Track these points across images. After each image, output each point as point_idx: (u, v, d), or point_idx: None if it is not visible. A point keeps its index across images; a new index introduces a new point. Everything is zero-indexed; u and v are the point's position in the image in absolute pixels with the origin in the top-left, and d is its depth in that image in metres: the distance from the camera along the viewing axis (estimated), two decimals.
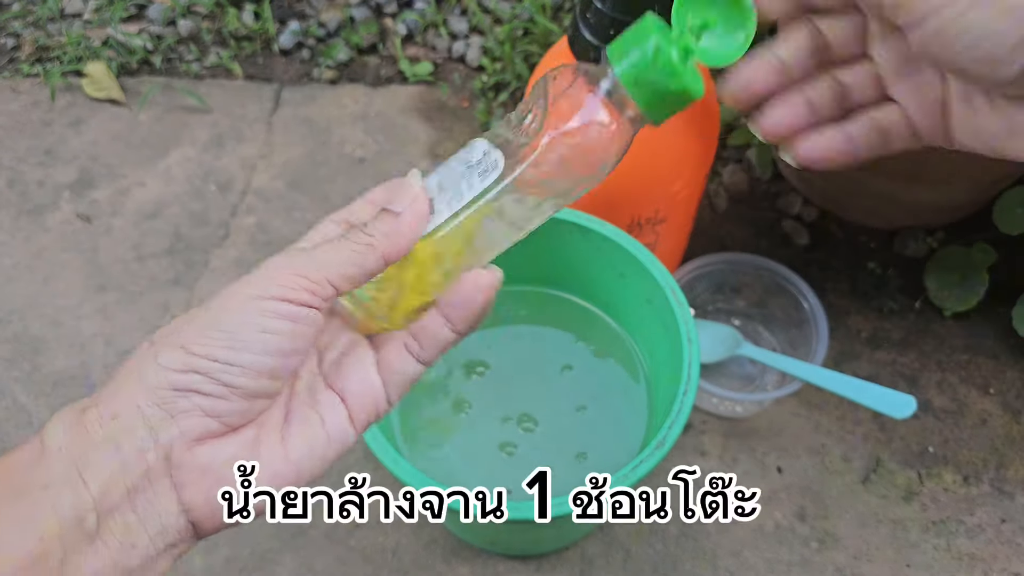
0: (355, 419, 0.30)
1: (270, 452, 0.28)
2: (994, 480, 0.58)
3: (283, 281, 0.27)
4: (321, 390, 0.30)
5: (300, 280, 0.27)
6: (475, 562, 0.55)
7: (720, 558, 0.55)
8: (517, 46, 0.79)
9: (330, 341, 0.31)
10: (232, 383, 0.26)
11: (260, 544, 0.56)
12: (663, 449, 0.41)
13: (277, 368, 0.27)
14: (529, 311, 0.55)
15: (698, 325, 0.54)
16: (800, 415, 0.61)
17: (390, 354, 0.31)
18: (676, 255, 0.62)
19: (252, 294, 0.27)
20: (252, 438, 0.28)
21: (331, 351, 0.31)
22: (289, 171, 0.75)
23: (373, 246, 0.28)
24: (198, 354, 0.26)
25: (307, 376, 0.30)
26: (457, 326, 0.30)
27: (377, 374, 0.30)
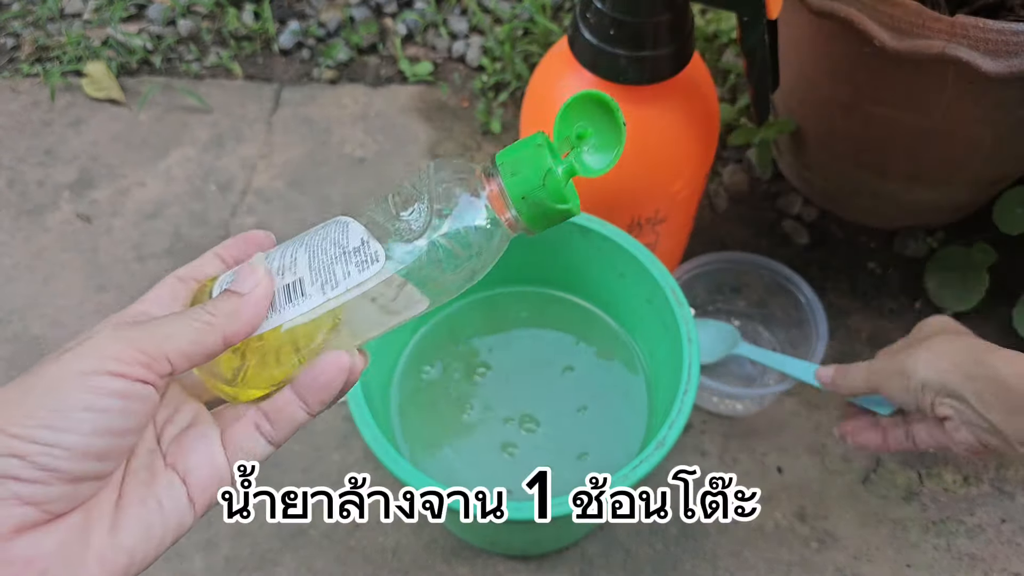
0: (195, 500, 0.28)
1: (100, 540, 0.26)
2: (994, 480, 0.58)
3: (116, 354, 0.25)
4: (160, 469, 0.28)
5: (135, 354, 0.25)
6: (475, 562, 0.55)
7: (720, 558, 0.55)
8: (517, 46, 0.79)
9: (170, 415, 0.29)
10: (54, 467, 0.24)
11: (260, 544, 0.56)
12: (663, 449, 0.41)
13: (106, 449, 0.25)
14: (530, 312, 0.55)
15: (697, 325, 0.54)
16: (800, 415, 0.61)
17: (238, 433, 0.29)
18: (676, 255, 0.62)
19: (81, 369, 0.25)
20: (80, 525, 0.25)
21: (171, 426, 0.29)
22: (289, 171, 0.75)
23: (214, 326, 0.27)
24: (16, 435, 0.24)
25: (144, 454, 0.28)
26: (312, 408, 0.29)
27: (222, 452, 0.29)
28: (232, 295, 0.28)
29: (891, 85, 0.52)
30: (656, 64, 0.47)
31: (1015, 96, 0.50)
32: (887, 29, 0.47)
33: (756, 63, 0.47)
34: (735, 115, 0.73)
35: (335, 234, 0.29)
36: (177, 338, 0.26)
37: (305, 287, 0.29)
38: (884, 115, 0.55)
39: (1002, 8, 0.52)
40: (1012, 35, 0.45)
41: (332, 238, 0.29)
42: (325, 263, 0.29)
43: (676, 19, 0.45)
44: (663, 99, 0.49)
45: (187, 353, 0.27)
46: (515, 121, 0.77)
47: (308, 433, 0.60)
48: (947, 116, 0.53)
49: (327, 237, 0.29)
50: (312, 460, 0.59)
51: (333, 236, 0.29)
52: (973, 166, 0.58)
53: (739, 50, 0.60)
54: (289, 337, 0.29)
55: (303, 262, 0.29)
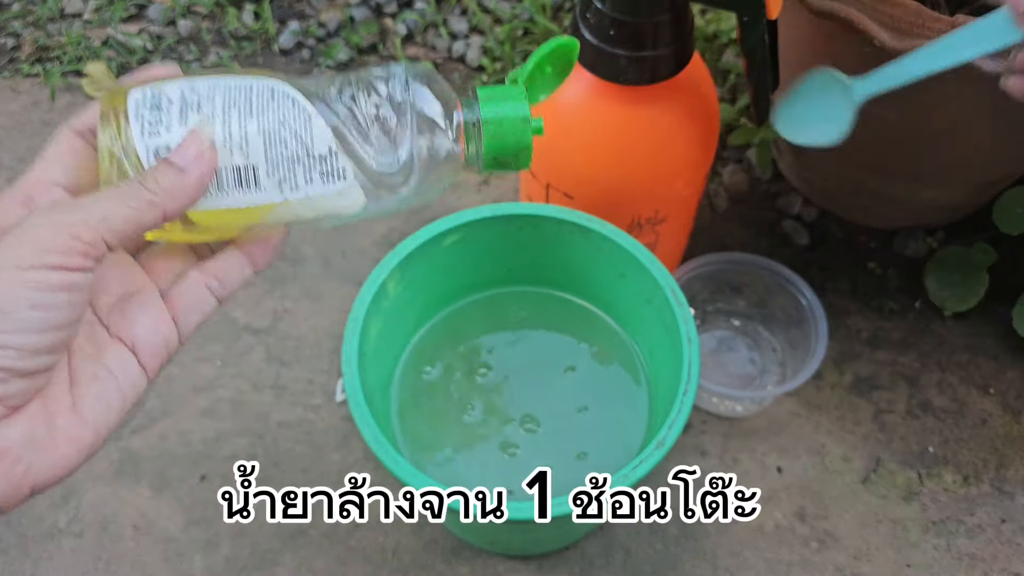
0: (147, 366, 0.28)
1: (64, 420, 0.26)
2: (994, 480, 0.58)
3: (53, 245, 0.24)
4: (105, 342, 0.28)
5: (72, 243, 0.24)
6: (475, 562, 0.55)
7: (720, 558, 0.55)
8: (517, 46, 0.79)
9: (102, 283, 0.28)
10: (8, 367, 0.24)
11: (260, 544, 0.56)
12: (663, 449, 0.41)
13: (55, 343, 0.25)
14: (530, 312, 0.55)
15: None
16: (800, 415, 0.61)
17: (186, 295, 0.29)
18: (676, 255, 0.62)
19: (18, 264, 0.24)
20: (40, 411, 0.26)
21: (106, 295, 0.28)
22: None
23: (154, 204, 0.26)
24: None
25: (84, 328, 0.27)
26: (258, 266, 0.30)
27: (168, 318, 0.29)
28: (172, 168, 0.27)
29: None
30: (656, 64, 0.47)
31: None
32: (887, 29, 0.47)
33: (756, 63, 0.47)
34: (735, 115, 0.73)
35: (296, 124, 0.28)
36: (113, 219, 0.25)
37: (260, 177, 0.28)
38: (884, 115, 0.55)
39: None
40: None
41: (292, 128, 0.28)
42: (286, 158, 0.28)
43: (676, 19, 0.45)
44: (663, 99, 0.49)
45: (124, 233, 0.26)
46: None
47: (308, 433, 0.60)
48: (947, 116, 0.53)
49: (285, 124, 0.28)
50: (312, 460, 0.59)
51: (293, 126, 0.28)
52: (973, 166, 0.59)
53: (739, 50, 0.60)
54: (231, 216, 0.28)
55: (258, 146, 0.27)
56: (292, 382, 0.63)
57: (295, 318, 0.66)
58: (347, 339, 0.45)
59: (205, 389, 0.62)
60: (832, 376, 0.62)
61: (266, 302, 0.67)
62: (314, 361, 0.64)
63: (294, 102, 0.28)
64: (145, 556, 0.56)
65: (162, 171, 0.27)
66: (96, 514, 0.57)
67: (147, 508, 0.57)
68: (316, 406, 0.62)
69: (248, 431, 0.60)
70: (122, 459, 0.59)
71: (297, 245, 0.70)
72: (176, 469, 0.59)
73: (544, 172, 0.53)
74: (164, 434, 0.60)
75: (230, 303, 0.67)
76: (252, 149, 0.28)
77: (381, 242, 0.70)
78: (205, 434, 0.60)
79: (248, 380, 0.63)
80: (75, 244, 0.24)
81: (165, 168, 0.27)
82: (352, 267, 0.69)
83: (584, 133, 0.50)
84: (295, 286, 0.68)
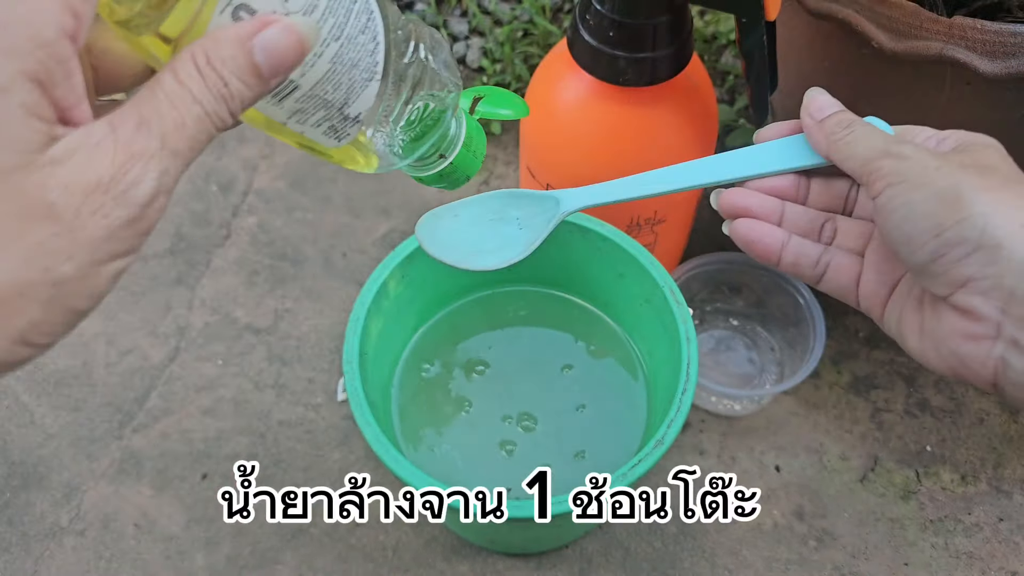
0: None
1: None
2: (992, 479, 0.58)
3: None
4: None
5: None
6: (475, 560, 0.55)
7: (718, 556, 0.55)
8: (517, 48, 0.80)
9: None
10: None
11: (261, 543, 0.56)
12: (662, 448, 0.41)
13: None
14: (529, 311, 0.55)
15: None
16: (798, 414, 0.61)
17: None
18: (675, 255, 0.62)
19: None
20: None
21: None
22: (290, 171, 0.75)
23: (212, 115, 0.22)
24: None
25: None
26: None
27: None
28: (254, 72, 0.23)
29: (889, 86, 0.53)
30: (655, 66, 0.47)
31: (1013, 97, 0.50)
32: (885, 30, 0.48)
33: (754, 64, 0.47)
34: (734, 116, 0.74)
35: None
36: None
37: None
38: (882, 116, 0.55)
39: (1000, 9, 0.53)
40: (1010, 36, 0.45)
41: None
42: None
43: (675, 21, 0.46)
44: (662, 100, 0.49)
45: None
46: (515, 123, 0.78)
47: (309, 432, 0.60)
48: (945, 117, 0.53)
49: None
50: (313, 459, 0.59)
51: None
52: None
53: (737, 51, 0.60)
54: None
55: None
56: (293, 381, 0.63)
57: (296, 318, 0.66)
58: (348, 339, 0.45)
59: (206, 388, 0.63)
60: (830, 375, 0.63)
61: (267, 302, 0.67)
62: (315, 360, 0.64)
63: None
64: (146, 554, 0.56)
65: (241, 67, 0.22)
66: (97, 512, 0.57)
67: (148, 507, 0.58)
68: (317, 405, 0.62)
69: (249, 430, 0.61)
70: (123, 458, 0.60)
71: (298, 245, 0.70)
72: (177, 468, 0.59)
73: (543, 172, 0.54)
74: (165, 433, 0.61)
75: (231, 303, 0.67)
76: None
77: (382, 242, 0.70)
78: (206, 433, 0.61)
79: (249, 379, 0.63)
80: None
81: (245, 65, 0.23)
82: (353, 267, 0.69)
83: (583, 134, 0.50)
84: (296, 286, 0.68)
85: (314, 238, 0.71)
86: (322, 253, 0.70)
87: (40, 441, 0.61)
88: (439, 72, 0.30)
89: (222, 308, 0.67)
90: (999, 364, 0.27)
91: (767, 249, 0.35)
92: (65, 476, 0.59)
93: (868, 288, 0.33)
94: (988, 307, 0.27)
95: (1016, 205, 0.27)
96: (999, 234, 0.27)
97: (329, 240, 0.70)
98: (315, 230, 0.71)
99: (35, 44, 0.19)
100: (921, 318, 0.30)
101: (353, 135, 0.28)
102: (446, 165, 0.34)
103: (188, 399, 0.62)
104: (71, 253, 0.20)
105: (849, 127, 0.33)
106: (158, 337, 0.65)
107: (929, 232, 0.28)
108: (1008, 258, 0.26)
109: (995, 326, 0.27)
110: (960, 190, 0.28)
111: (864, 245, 0.34)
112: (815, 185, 0.36)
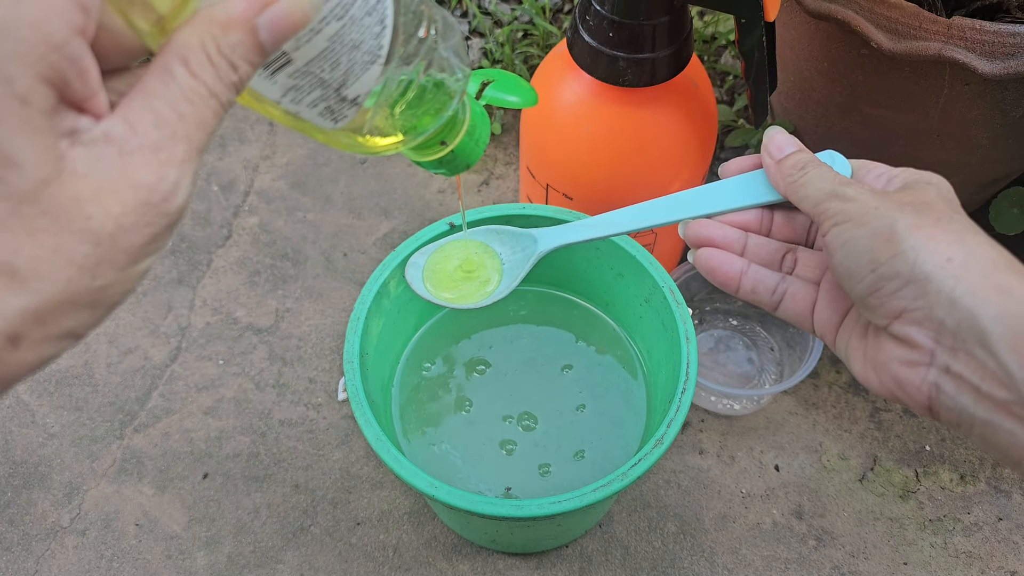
0: None
1: None
2: (991, 478, 0.59)
3: None
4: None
5: None
6: (475, 559, 0.55)
7: (718, 555, 0.56)
8: (517, 48, 0.80)
9: None
10: None
11: (262, 541, 0.56)
12: (662, 447, 0.41)
13: None
14: (529, 311, 0.55)
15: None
16: (797, 413, 0.61)
17: None
18: (674, 255, 0.63)
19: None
20: None
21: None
22: (291, 172, 0.75)
23: (215, 94, 0.22)
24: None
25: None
26: None
27: None
28: (254, 41, 0.22)
29: (888, 86, 0.53)
30: (655, 66, 0.47)
31: (1012, 97, 0.50)
32: (884, 31, 0.48)
33: (754, 65, 0.47)
34: (733, 116, 0.74)
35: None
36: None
37: None
38: (881, 116, 0.55)
39: (999, 10, 0.53)
40: (1008, 36, 0.46)
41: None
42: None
43: (675, 21, 0.46)
44: (662, 101, 0.49)
45: None
46: (515, 123, 0.78)
47: (310, 431, 0.61)
48: (944, 117, 0.53)
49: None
50: (314, 458, 0.59)
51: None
52: (970, 167, 0.59)
53: (737, 52, 0.61)
54: None
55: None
56: (294, 381, 0.63)
57: (297, 317, 0.66)
58: (349, 338, 0.45)
59: (208, 388, 0.63)
60: (829, 375, 0.63)
61: (268, 302, 0.67)
62: (316, 360, 0.64)
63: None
64: (147, 554, 0.56)
65: (248, 49, 0.22)
66: (99, 512, 0.58)
67: (150, 506, 0.58)
68: (318, 404, 0.62)
69: (250, 429, 0.61)
70: (125, 457, 0.60)
71: (299, 245, 0.70)
72: (179, 467, 0.59)
73: (544, 173, 0.54)
74: (167, 432, 0.61)
75: (233, 303, 0.67)
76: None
77: (382, 242, 0.70)
78: (208, 432, 0.61)
79: (250, 379, 0.63)
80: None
81: (252, 46, 0.22)
82: (353, 267, 0.69)
83: (583, 134, 0.50)
84: (297, 286, 0.68)
85: (315, 238, 0.71)
86: (323, 253, 0.70)
87: (42, 441, 0.61)
88: (448, 59, 0.30)
89: (223, 308, 0.67)
90: (932, 389, 0.29)
91: (726, 276, 0.37)
92: (66, 476, 0.59)
93: (822, 316, 0.35)
94: (922, 336, 0.29)
95: (945, 240, 0.29)
96: (927, 268, 0.28)
97: (330, 240, 0.71)
98: (316, 230, 0.71)
99: (48, 47, 0.19)
100: (865, 345, 0.32)
101: (351, 117, 0.28)
102: (446, 152, 0.34)
103: (189, 399, 0.62)
104: (114, 261, 0.21)
105: (804, 169, 0.35)
106: (159, 337, 0.65)
107: (866, 267, 0.30)
108: (937, 291, 0.28)
109: (929, 354, 0.29)
110: (895, 228, 0.29)
111: (820, 275, 0.36)
112: (778, 217, 0.38)
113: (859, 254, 0.30)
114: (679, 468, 0.59)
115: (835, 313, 0.34)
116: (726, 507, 0.57)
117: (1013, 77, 0.46)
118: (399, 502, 0.58)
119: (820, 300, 0.35)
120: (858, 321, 0.33)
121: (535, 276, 0.54)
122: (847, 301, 0.34)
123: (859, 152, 0.61)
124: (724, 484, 0.58)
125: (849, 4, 0.48)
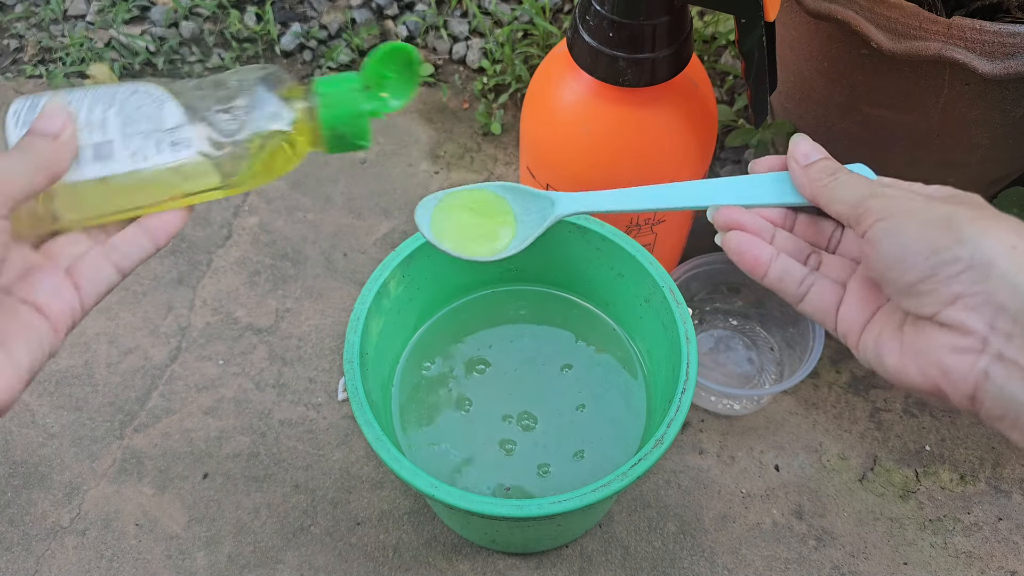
0: (58, 330, 0.31)
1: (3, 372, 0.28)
2: (991, 478, 0.59)
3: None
4: (17, 305, 0.30)
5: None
6: (475, 559, 0.55)
7: (718, 555, 0.56)
8: (517, 48, 0.80)
9: (4, 266, 0.31)
10: None
11: (262, 541, 0.56)
12: (662, 447, 0.41)
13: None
14: (529, 310, 0.55)
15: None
16: (797, 413, 0.61)
17: (87, 267, 0.32)
18: (674, 255, 0.63)
19: None
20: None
21: (9, 273, 0.31)
22: (291, 172, 0.75)
23: (41, 169, 0.29)
24: None
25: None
26: (159, 242, 0.33)
27: (70, 283, 0.31)
28: (44, 138, 0.30)
29: (888, 86, 0.53)
30: (655, 66, 0.47)
31: (1012, 97, 0.50)
32: (884, 31, 0.48)
33: (754, 65, 0.47)
34: (733, 116, 0.74)
35: (150, 107, 0.32)
36: (15, 180, 0.28)
37: (115, 151, 0.32)
38: (881, 116, 0.55)
39: (999, 10, 0.53)
40: (1009, 36, 0.46)
41: (146, 111, 0.32)
42: (140, 133, 0.32)
43: (675, 21, 0.46)
44: (662, 101, 0.49)
45: (25, 192, 0.29)
46: (515, 123, 0.78)
47: (310, 431, 0.61)
48: (944, 117, 0.53)
49: (141, 108, 0.32)
50: (314, 458, 0.59)
51: (147, 107, 0.32)
52: (970, 167, 0.59)
53: (737, 52, 0.61)
54: (108, 191, 0.32)
55: (115, 126, 0.32)
56: (294, 381, 0.63)
57: (297, 317, 0.66)
58: (349, 338, 0.45)
59: (208, 388, 0.63)
60: (829, 375, 0.63)
61: (268, 302, 0.67)
62: (316, 360, 0.64)
63: (149, 93, 0.33)
64: (147, 554, 0.56)
65: (37, 140, 0.30)
66: (99, 512, 0.58)
67: (150, 506, 0.58)
68: (318, 404, 0.62)
69: (250, 429, 0.61)
70: (125, 457, 0.60)
71: (299, 245, 0.70)
72: (179, 467, 0.59)
73: (543, 172, 0.54)
74: (167, 432, 0.61)
75: (233, 303, 0.67)
76: (110, 128, 0.32)
77: (382, 242, 0.71)
78: (208, 432, 0.61)
79: (250, 379, 0.63)
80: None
81: (36, 138, 0.30)
82: (353, 267, 0.69)
83: (583, 134, 0.50)
84: (297, 286, 0.68)
85: (315, 238, 0.71)
86: (323, 253, 0.70)
87: (42, 441, 0.61)
88: (254, 121, 0.33)
89: (223, 308, 0.67)
90: (981, 377, 0.29)
91: (756, 260, 0.36)
92: (66, 476, 0.59)
93: (848, 313, 0.35)
94: (976, 321, 0.29)
95: (1006, 228, 0.29)
96: (990, 253, 0.28)
97: (330, 240, 0.71)
98: (316, 230, 0.71)
99: None
100: (901, 338, 0.32)
101: (191, 138, 0.32)
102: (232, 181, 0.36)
103: (189, 399, 0.62)
104: None
105: (834, 174, 0.35)
106: (159, 337, 0.65)
107: (922, 254, 0.30)
108: (1000, 275, 0.28)
109: (982, 340, 0.29)
110: (953, 218, 0.30)
111: (847, 277, 0.36)
112: (802, 219, 0.38)
113: (913, 241, 0.30)
114: (679, 468, 0.59)
115: (862, 312, 0.34)
116: (726, 507, 0.57)
117: (1013, 77, 0.47)
118: (399, 502, 0.58)
119: (847, 299, 0.35)
120: (891, 316, 0.33)
121: (535, 276, 0.54)
122: (877, 300, 0.34)
123: (859, 152, 0.61)
124: (724, 484, 0.58)
125: (849, 4, 0.49)
